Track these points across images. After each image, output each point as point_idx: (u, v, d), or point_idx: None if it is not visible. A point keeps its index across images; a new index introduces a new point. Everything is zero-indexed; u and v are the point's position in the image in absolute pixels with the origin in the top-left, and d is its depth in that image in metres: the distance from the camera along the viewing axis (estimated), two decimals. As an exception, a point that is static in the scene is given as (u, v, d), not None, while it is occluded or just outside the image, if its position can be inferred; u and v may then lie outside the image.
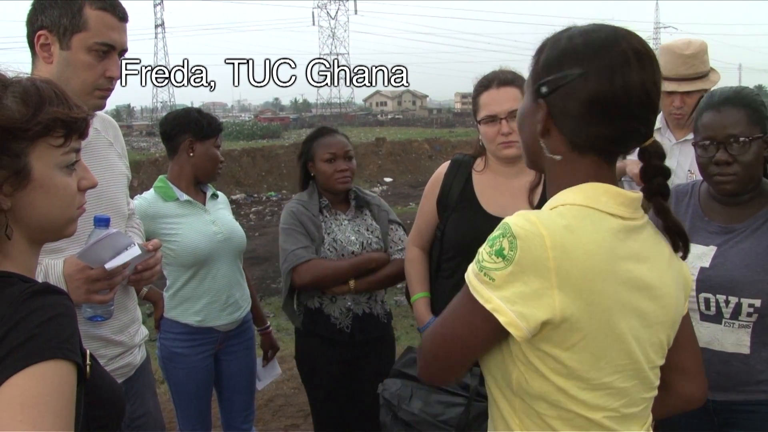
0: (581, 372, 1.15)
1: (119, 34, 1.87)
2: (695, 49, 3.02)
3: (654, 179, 1.25)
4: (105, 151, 2.07)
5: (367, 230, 2.90)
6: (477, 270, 1.15)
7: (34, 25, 1.84)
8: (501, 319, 1.10)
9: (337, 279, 2.75)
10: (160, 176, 2.99)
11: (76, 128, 1.19)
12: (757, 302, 1.89)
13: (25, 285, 1.08)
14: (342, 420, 2.89)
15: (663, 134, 3.14)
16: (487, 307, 1.11)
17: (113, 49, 1.86)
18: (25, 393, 0.94)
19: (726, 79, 3.22)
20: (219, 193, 3.14)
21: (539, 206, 2.34)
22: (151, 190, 2.92)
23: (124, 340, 2.05)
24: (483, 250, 1.15)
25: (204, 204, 2.96)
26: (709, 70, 3.07)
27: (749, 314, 1.91)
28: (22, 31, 1.88)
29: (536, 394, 1.18)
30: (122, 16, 1.88)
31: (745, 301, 1.91)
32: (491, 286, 1.11)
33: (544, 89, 1.19)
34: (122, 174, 2.15)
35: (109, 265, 1.70)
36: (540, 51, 1.23)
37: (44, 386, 0.95)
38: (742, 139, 1.88)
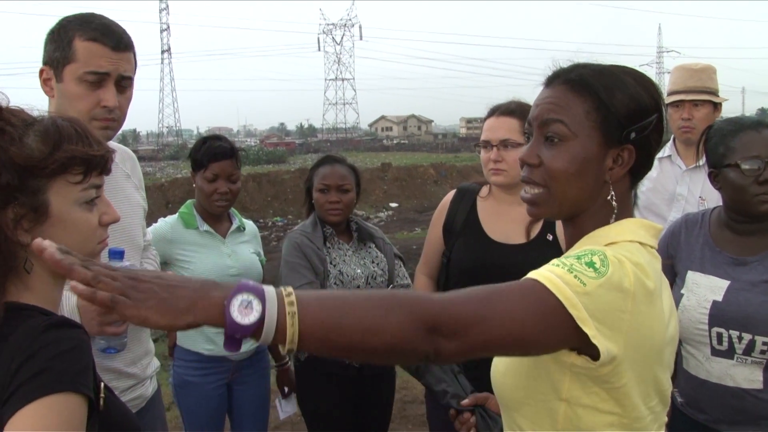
0: (635, 400, 1.15)
1: (111, 62, 1.83)
2: (704, 66, 3.11)
3: None
4: (123, 184, 2.06)
5: (372, 262, 2.87)
6: (562, 271, 1.07)
7: (42, 62, 1.87)
8: (588, 332, 1.03)
9: None
10: (188, 201, 2.98)
11: (95, 165, 1.22)
12: None
13: (42, 318, 1.10)
14: None
15: (673, 161, 3.13)
16: (573, 313, 1.02)
17: (107, 78, 1.83)
18: (35, 424, 0.96)
19: (729, 102, 3.25)
20: (249, 224, 3.11)
21: (538, 239, 2.39)
22: (176, 215, 2.92)
23: (136, 372, 2.04)
24: (569, 259, 1.10)
25: (225, 236, 2.92)
26: (717, 90, 3.11)
27: (763, 352, 1.89)
28: (30, 57, 1.90)
29: (586, 428, 1.16)
30: (116, 46, 1.83)
31: (760, 339, 1.88)
32: (580, 291, 1.04)
33: (633, 134, 1.20)
34: (139, 206, 2.14)
35: None
36: (604, 93, 1.19)
37: (53, 418, 0.97)
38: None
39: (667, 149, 3.18)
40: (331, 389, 2.76)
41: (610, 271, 1.06)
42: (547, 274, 1.07)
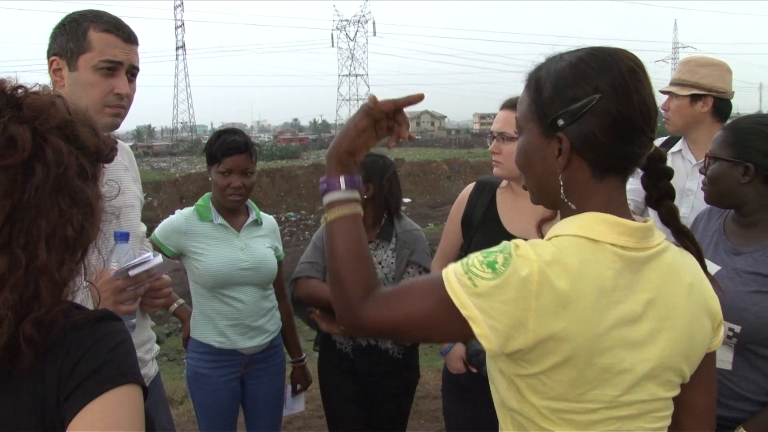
0: (560, 393, 1.13)
1: (124, 52, 1.94)
2: (699, 59, 3.03)
3: (660, 182, 1.29)
4: (122, 175, 2.14)
5: (380, 264, 2.83)
6: (462, 271, 1.12)
7: (48, 53, 1.96)
8: (475, 330, 1.09)
9: (328, 307, 2.65)
10: (206, 194, 3.00)
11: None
12: (738, 328, 1.90)
13: (84, 312, 1.08)
14: None
15: (684, 156, 3.07)
16: (462, 312, 1.10)
17: (119, 67, 1.93)
18: (107, 417, 0.97)
19: (747, 98, 3.19)
20: (268, 218, 3.10)
21: None
22: (192, 207, 2.94)
23: (140, 356, 2.10)
24: (475, 258, 1.14)
25: (239, 229, 2.92)
26: (697, 83, 2.96)
27: (729, 336, 1.92)
28: (40, 53, 2.00)
29: (516, 409, 1.19)
30: (128, 38, 1.95)
31: (727, 324, 1.90)
32: (470, 291, 1.09)
33: (560, 122, 1.16)
34: (136, 197, 2.23)
35: (133, 272, 1.79)
36: (537, 85, 1.20)
37: (123, 410, 0.99)
38: (707, 157, 2.04)
39: (678, 144, 3.12)
40: (346, 383, 2.79)
41: (509, 272, 1.08)
42: (448, 271, 1.14)
